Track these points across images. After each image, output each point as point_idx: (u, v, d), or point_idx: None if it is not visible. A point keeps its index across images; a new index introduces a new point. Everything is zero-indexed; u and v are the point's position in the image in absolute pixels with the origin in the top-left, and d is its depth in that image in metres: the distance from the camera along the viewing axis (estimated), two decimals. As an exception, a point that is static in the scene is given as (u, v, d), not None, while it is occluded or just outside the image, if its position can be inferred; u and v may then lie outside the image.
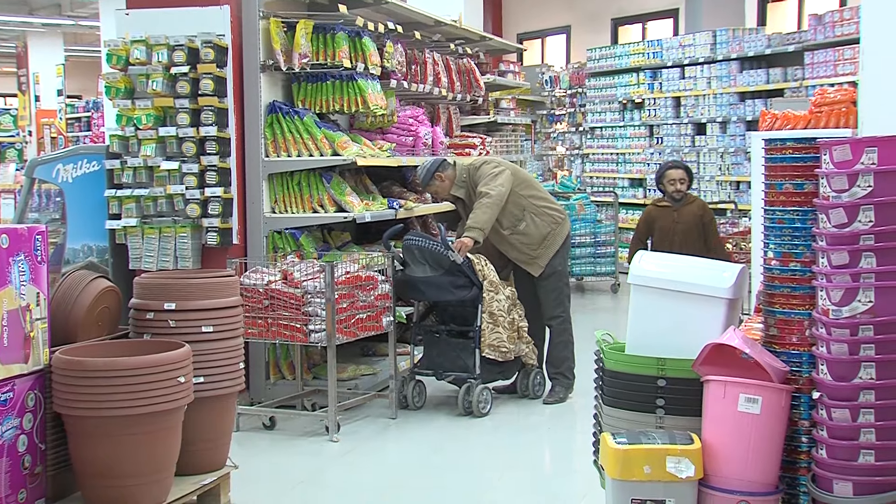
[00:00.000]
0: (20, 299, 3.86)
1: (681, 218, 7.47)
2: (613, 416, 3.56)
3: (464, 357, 6.18)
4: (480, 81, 9.00)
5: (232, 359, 4.64)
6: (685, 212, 7.49)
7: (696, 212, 7.50)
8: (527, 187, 6.51)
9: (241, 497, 4.66)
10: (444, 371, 6.24)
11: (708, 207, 7.70)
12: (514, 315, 6.29)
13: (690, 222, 7.45)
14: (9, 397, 3.79)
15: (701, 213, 7.52)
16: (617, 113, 13.34)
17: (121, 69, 6.23)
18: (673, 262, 3.96)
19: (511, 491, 4.94)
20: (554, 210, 6.53)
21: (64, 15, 21.14)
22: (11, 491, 3.80)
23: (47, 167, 6.69)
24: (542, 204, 6.50)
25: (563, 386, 6.49)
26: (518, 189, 6.42)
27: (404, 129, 7.48)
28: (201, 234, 6.19)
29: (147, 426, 3.97)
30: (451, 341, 6.25)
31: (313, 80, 6.54)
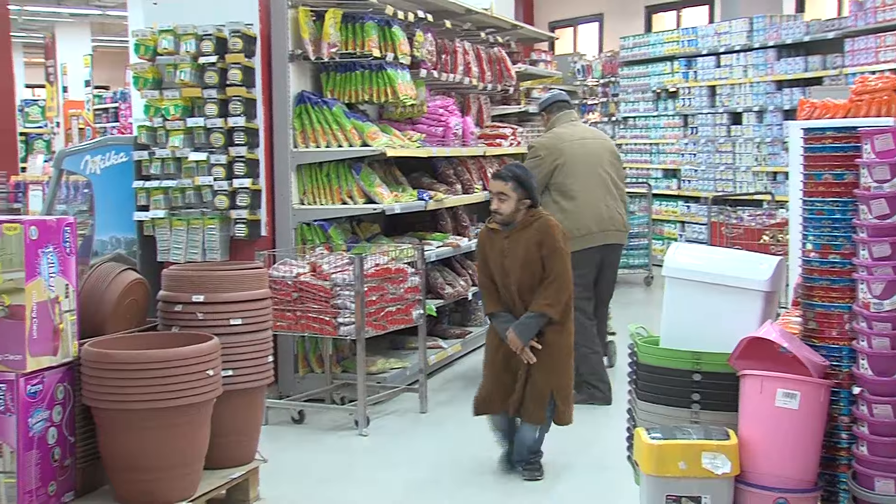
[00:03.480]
0: (49, 291, 3.90)
1: (510, 249, 4.87)
2: (648, 410, 3.55)
3: None
4: (511, 71, 8.97)
5: (260, 352, 4.66)
6: (517, 239, 4.86)
7: (532, 239, 4.83)
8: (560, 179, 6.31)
9: (269, 491, 4.68)
10: None
11: (553, 234, 4.82)
12: None
13: (522, 256, 4.83)
14: (38, 389, 3.83)
15: (539, 239, 4.82)
16: (650, 102, 13.26)
17: (149, 59, 6.27)
18: (709, 255, 3.94)
19: (543, 487, 4.92)
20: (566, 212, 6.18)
21: (92, 5, 21.31)
22: (41, 483, 3.84)
23: (75, 158, 6.74)
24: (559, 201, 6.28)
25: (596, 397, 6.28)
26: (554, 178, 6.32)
27: (434, 119, 7.48)
28: (229, 226, 6.22)
29: (176, 419, 3.99)
30: None
31: (342, 70, 6.54)
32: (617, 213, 6.38)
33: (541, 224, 4.85)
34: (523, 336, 4.78)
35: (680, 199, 12.56)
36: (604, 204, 6.32)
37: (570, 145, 6.35)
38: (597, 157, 6.39)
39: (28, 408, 3.77)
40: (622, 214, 6.44)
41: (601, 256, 6.34)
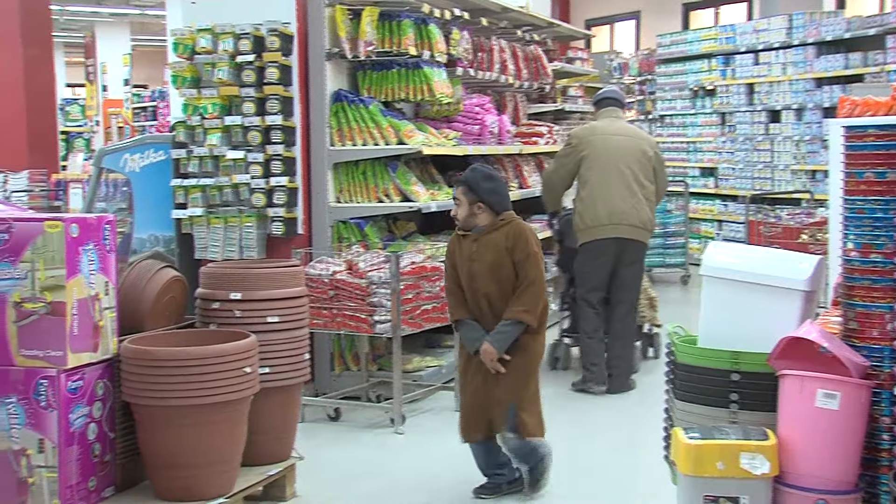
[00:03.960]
0: (90, 288, 3.94)
1: (478, 253, 4.57)
2: (685, 410, 3.52)
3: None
4: (548, 69, 8.95)
5: (297, 349, 4.69)
6: (486, 244, 4.55)
7: (501, 244, 4.53)
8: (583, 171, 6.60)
9: (306, 488, 4.71)
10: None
11: (525, 239, 4.54)
12: (646, 284, 6.99)
13: (490, 261, 4.53)
14: (79, 386, 3.87)
15: (509, 245, 4.53)
16: (688, 100, 13.18)
17: (187, 58, 6.31)
18: (747, 253, 3.91)
19: (579, 487, 4.91)
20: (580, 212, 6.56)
21: (131, 4, 21.51)
22: (82, 479, 3.88)
23: (115, 157, 6.81)
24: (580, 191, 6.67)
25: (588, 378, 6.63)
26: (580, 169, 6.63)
27: (470, 117, 7.48)
28: (266, 224, 6.26)
29: (213, 416, 4.03)
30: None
31: (379, 69, 6.56)
32: (634, 209, 6.46)
33: (511, 229, 4.53)
34: (500, 346, 4.47)
35: (717, 197, 12.47)
36: (619, 199, 6.43)
37: (599, 139, 6.58)
38: (622, 153, 6.53)
39: (69, 403, 3.82)
40: (641, 212, 6.50)
41: (616, 251, 6.46)
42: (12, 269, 3.82)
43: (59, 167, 10.50)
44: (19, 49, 9.65)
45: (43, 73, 10.03)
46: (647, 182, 6.58)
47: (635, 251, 6.56)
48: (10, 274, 3.82)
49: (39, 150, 9.73)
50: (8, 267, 3.82)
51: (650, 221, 6.59)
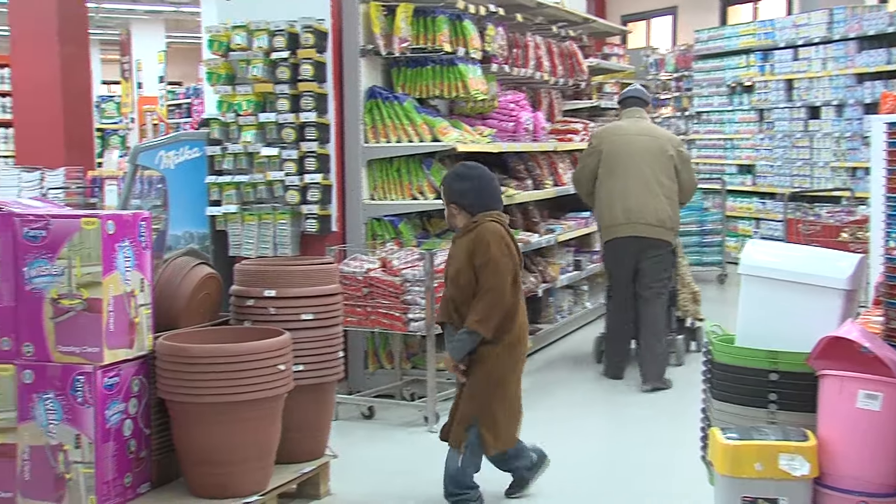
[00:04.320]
0: (125, 285, 3.98)
1: (450, 256, 4.53)
2: (723, 410, 3.50)
3: None
4: (583, 65, 8.92)
5: (331, 347, 4.70)
6: (458, 246, 4.46)
7: (465, 248, 4.38)
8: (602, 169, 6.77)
9: (339, 486, 4.72)
10: None
11: (486, 242, 4.31)
12: (689, 279, 7.24)
13: (454, 265, 4.43)
14: (115, 382, 3.91)
15: (471, 248, 4.34)
16: (725, 97, 13.09)
17: (222, 55, 6.36)
18: (786, 252, 3.87)
19: (613, 486, 4.90)
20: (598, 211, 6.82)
21: (166, 2, 21.67)
22: (117, 475, 3.92)
23: (150, 154, 6.86)
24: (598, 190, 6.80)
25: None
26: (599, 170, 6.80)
27: (505, 114, 7.46)
28: (300, 221, 6.29)
29: (248, 413, 4.05)
30: None
31: (413, 65, 6.57)
32: (651, 208, 6.57)
33: (477, 232, 4.32)
34: (454, 354, 4.36)
35: (755, 195, 12.38)
36: (635, 197, 6.57)
37: (618, 138, 6.78)
38: (640, 152, 6.67)
39: (105, 400, 3.86)
40: (660, 211, 6.60)
41: (635, 249, 6.62)
42: (49, 266, 3.87)
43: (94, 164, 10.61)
44: (56, 47, 9.76)
45: (79, 71, 10.14)
46: (667, 181, 6.65)
47: (655, 249, 6.65)
48: (47, 270, 3.87)
49: (76, 147, 9.84)
50: (45, 263, 3.87)
51: (670, 219, 6.65)
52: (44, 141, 9.79)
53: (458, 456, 4.41)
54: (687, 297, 7.28)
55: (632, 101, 7.05)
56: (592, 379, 6.99)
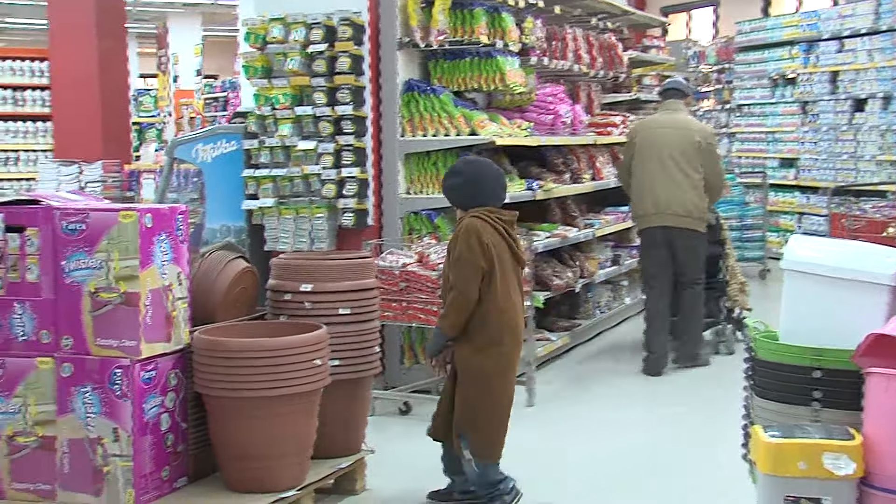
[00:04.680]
0: (163, 279, 4.01)
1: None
2: (765, 407, 3.47)
3: (711, 304, 7.32)
4: (623, 57, 8.88)
5: (368, 342, 4.72)
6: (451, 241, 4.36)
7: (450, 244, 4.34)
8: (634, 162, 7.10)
9: (376, 482, 4.74)
10: None
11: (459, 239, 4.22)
12: (737, 269, 7.50)
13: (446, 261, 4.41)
14: (152, 376, 3.95)
15: (451, 245, 4.29)
16: (767, 89, 12.97)
17: (258, 48, 6.38)
18: (831, 247, 3.83)
19: (652, 484, 4.87)
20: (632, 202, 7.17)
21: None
22: (155, 468, 3.96)
23: (187, 147, 6.91)
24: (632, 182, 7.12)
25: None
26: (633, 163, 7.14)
27: (543, 107, 7.44)
28: (337, 215, 6.31)
29: (284, 408, 4.07)
30: None
31: (451, 58, 6.57)
32: (677, 199, 6.86)
33: (460, 227, 4.25)
34: (429, 349, 4.41)
35: (798, 189, 12.26)
36: (661, 188, 6.88)
37: (650, 131, 7.10)
38: (668, 145, 6.94)
39: (143, 393, 3.89)
40: (686, 201, 6.86)
41: (666, 239, 6.92)
42: (88, 259, 3.91)
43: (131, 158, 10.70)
44: (94, 41, 9.85)
45: (117, 65, 10.23)
46: (694, 172, 6.90)
47: (685, 238, 6.92)
48: (85, 264, 3.91)
49: (113, 140, 9.94)
50: (84, 257, 3.91)
51: (697, 209, 6.89)
52: (82, 134, 9.89)
53: (469, 462, 4.31)
54: (735, 287, 7.50)
55: (671, 92, 7.31)
56: (631, 374, 6.96)
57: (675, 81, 7.52)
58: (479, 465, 4.29)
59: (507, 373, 4.34)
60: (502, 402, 4.34)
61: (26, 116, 12.49)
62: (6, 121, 12.07)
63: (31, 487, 4.00)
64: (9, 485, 4.02)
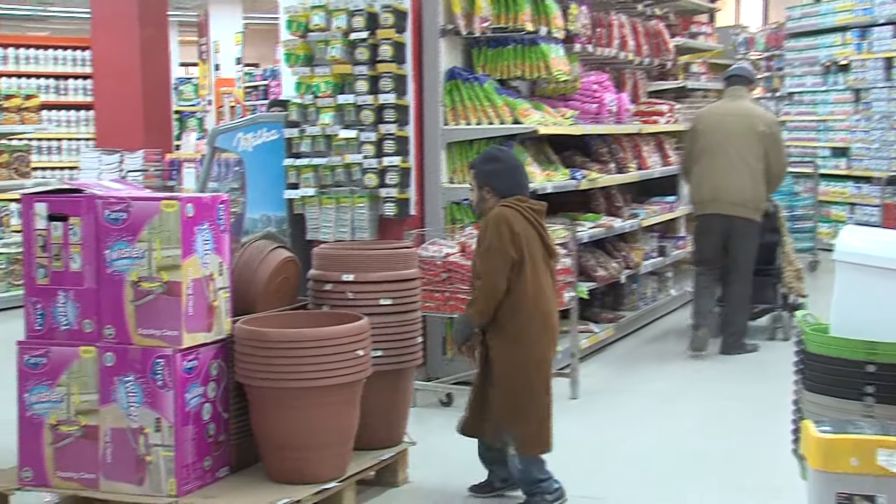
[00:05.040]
0: (204, 268, 4.04)
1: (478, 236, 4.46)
2: (816, 402, 3.43)
3: (767, 291, 7.55)
4: (669, 44, 8.82)
5: (410, 332, 4.73)
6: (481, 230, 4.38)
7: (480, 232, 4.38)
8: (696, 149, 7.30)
9: (418, 474, 4.75)
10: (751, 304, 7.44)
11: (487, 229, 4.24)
12: (792, 256, 7.67)
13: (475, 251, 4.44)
14: (194, 365, 3.98)
15: (479, 236, 4.35)
16: (819, 76, 12.82)
17: (300, 36, 6.40)
18: (885, 238, 3.78)
19: (701, 481, 4.84)
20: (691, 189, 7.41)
21: (244, -18, 21.90)
22: (197, 458, 4.00)
23: (228, 136, 6.96)
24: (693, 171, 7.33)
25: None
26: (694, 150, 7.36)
27: (588, 95, 7.41)
28: (379, 205, 6.32)
29: (326, 399, 4.09)
30: (753, 279, 7.29)
31: (494, 45, 6.55)
32: (735, 188, 7.03)
33: (488, 217, 4.27)
34: (455, 337, 4.40)
35: (849, 179, 12.10)
36: (722, 176, 7.05)
37: (712, 118, 7.30)
38: (730, 132, 7.10)
39: (184, 383, 3.93)
40: (745, 190, 7.04)
41: (721, 226, 7.10)
42: (130, 249, 3.95)
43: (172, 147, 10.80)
44: (136, 29, 9.94)
45: (158, 53, 10.33)
46: (753, 161, 7.07)
47: (740, 226, 7.09)
48: (127, 253, 3.95)
49: (155, 129, 10.04)
50: (126, 246, 3.95)
51: (756, 198, 7.07)
52: (123, 123, 10.00)
53: (512, 458, 4.31)
54: (791, 274, 7.67)
55: (733, 79, 7.47)
56: (677, 367, 6.93)
57: (740, 68, 7.79)
58: (522, 461, 4.28)
59: (543, 363, 4.35)
60: (541, 393, 4.34)
61: (69, 105, 12.65)
62: (49, 110, 12.23)
63: (75, 476, 4.05)
64: (53, 473, 4.08)
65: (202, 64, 18.45)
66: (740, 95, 7.35)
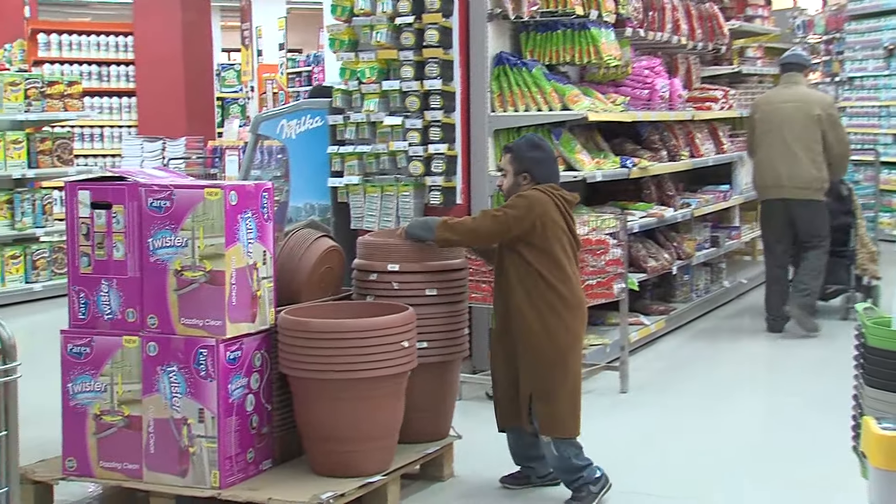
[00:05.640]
0: (248, 257, 4.07)
1: None
2: (877, 398, 3.39)
3: (840, 272, 7.95)
4: (724, 28, 8.75)
5: (456, 324, 4.73)
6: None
7: None
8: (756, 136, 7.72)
9: (463, 469, 4.76)
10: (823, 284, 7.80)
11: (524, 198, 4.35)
12: (867, 238, 7.95)
13: None
14: (237, 356, 4.01)
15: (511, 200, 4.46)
16: (881, 60, 12.63)
17: (345, 20, 6.42)
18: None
19: (755, 478, 4.81)
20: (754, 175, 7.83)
21: (287, -35, 21.97)
22: (240, 450, 4.04)
23: (272, 123, 7.00)
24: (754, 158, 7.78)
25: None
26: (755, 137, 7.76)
27: (639, 81, 7.37)
28: (424, 193, 6.33)
29: (370, 391, 4.11)
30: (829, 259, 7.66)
31: (543, 30, 6.53)
32: (796, 173, 7.39)
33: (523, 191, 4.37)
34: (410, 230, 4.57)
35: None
36: (781, 162, 7.43)
37: (770, 105, 7.66)
38: (785, 119, 7.47)
39: (228, 374, 3.97)
40: (805, 173, 7.39)
41: (784, 210, 7.49)
42: (173, 237, 3.99)
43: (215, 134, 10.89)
44: (178, 14, 10.02)
45: (201, 39, 10.41)
46: (814, 144, 7.42)
47: (803, 207, 7.46)
48: (171, 241, 3.99)
49: (197, 116, 10.13)
50: (169, 234, 3.99)
51: (816, 180, 7.42)
52: (165, 110, 10.11)
53: (548, 445, 4.32)
54: (865, 256, 7.95)
55: (788, 66, 7.82)
56: (731, 361, 6.88)
57: (793, 54, 8.10)
58: (558, 446, 4.29)
59: (574, 346, 4.41)
60: (575, 374, 4.39)
61: (111, 92, 12.78)
62: (92, 96, 12.36)
63: (119, 467, 4.10)
64: (96, 463, 4.14)
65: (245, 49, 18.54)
66: (796, 81, 7.69)
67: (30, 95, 9.21)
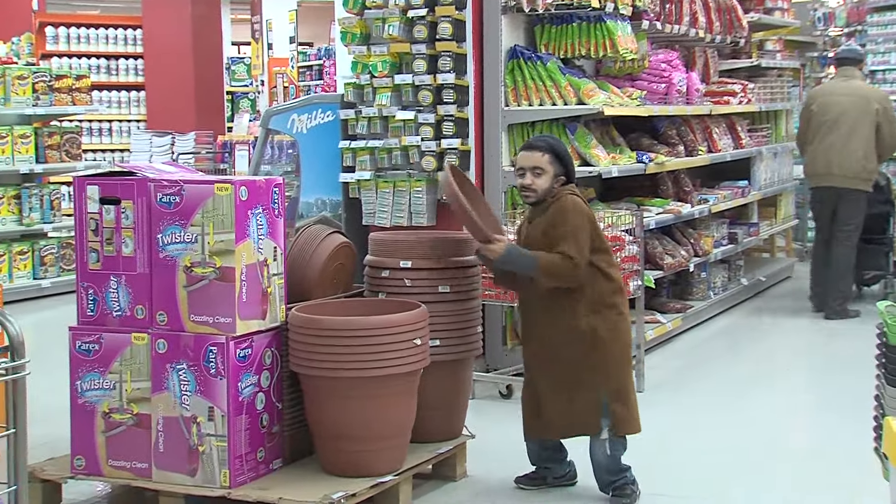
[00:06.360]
0: (258, 254, 4.08)
1: (530, 231, 4.47)
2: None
3: (879, 258, 8.53)
4: (743, 21, 8.72)
5: (469, 321, 4.73)
6: (538, 222, 4.42)
7: (547, 221, 4.36)
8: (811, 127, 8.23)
9: (476, 468, 4.75)
10: (862, 270, 8.48)
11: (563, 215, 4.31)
12: None
13: (537, 240, 4.37)
14: (247, 353, 4.02)
15: (549, 224, 4.34)
16: (905, 54, 12.57)
17: (356, 13, 6.42)
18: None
19: (773, 479, 4.80)
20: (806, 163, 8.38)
21: (298, -42, 21.99)
22: (251, 449, 4.04)
23: (282, 117, 7.00)
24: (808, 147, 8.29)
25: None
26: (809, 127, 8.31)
27: (656, 74, 7.35)
28: (437, 189, 6.32)
29: (382, 389, 4.11)
30: (866, 247, 8.29)
31: (558, 23, 6.52)
32: (847, 163, 7.93)
33: (555, 207, 4.33)
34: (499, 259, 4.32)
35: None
36: (836, 153, 7.96)
37: (827, 98, 8.21)
38: (844, 111, 7.99)
39: (238, 372, 3.97)
40: (855, 163, 7.93)
41: (831, 197, 8.06)
42: (183, 233, 4.00)
43: (225, 128, 10.91)
44: (188, 7, 10.04)
45: (210, 32, 10.43)
46: (868, 136, 7.95)
47: (847, 194, 7.99)
48: (180, 237, 4.00)
49: (206, 111, 10.15)
50: (178, 230, 4.00)
51: (866, 170, 7.98)
52: (174, 104, 10.13)
53: (602, 443, 4.36)
54: None
55: (842, 61, 8.47)
56: (751, 361, 6.87)
57: (848, 49, 8.83)
58: (613, 446, 4.35)
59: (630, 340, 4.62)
60: (631, 372, 4.56)
61: (120, 86, 12.81)
62: (100, 90, 12.39)
63: (127, 465, 4.12)
64: (105, 462, 4.15)
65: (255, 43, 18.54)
66: (851, 75, 8.30)
67: (38, 89, 9.24)
